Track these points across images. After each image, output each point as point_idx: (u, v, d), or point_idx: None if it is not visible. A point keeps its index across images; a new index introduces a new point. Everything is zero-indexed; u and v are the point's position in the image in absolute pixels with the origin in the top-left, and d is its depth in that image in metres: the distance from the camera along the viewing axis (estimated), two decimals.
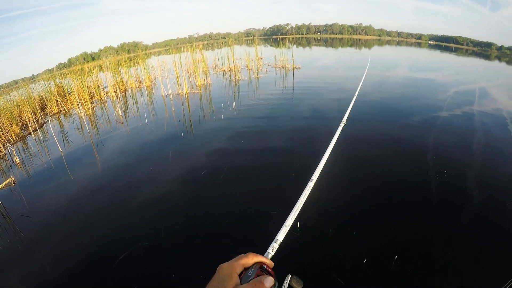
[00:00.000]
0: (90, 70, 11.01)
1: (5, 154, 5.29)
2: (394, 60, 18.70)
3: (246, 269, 0.58)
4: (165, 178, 3.89)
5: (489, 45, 50.87)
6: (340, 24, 75.68)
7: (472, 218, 2.79)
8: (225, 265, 0.58)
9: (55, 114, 8.40)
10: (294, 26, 78.27)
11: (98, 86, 10.18)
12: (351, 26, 75.06)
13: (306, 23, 78.39)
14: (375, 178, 3.56)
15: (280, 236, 0.83)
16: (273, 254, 0.75)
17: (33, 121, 6.94)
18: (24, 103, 7.60)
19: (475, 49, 49.10)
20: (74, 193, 3.75)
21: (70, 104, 9.03)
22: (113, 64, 11.66)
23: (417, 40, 64.68)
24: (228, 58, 13.07)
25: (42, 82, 10.05)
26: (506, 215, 2.83)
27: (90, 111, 8.01)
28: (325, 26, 77.52)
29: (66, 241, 2.85)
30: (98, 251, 2.66)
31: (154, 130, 5.90)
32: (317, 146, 4.34)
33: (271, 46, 30.70)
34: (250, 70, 12.61)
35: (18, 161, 4.87)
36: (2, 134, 5.99)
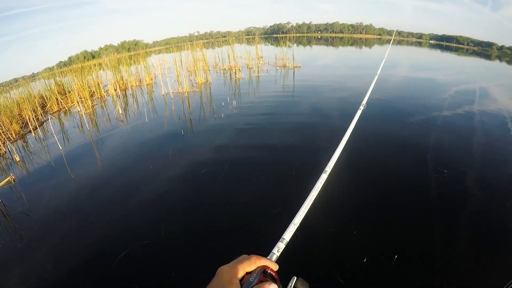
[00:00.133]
0: (91, 68, 10.97)
1: (5, 152, 5.28)
2: (395, 59, 18.60)
3: (248, 273, 0.54)
4: (165, 176, 3.88)
5: (489, 44, 50.68)
6: (340, 23, 75.44)
7: (472, 218, 2.79)
8: (225, 268, 0.54)
9: (55, 112, 8.39)
10: (294, 25, 78.01)
11: (98, 84, 10.16)
12: (352, 25, 74.79)
13: (307, 22, 78.22)
14: (376, 178, 3.56)
15: (287, 235, 0.76)
16: (278, 255, 0.69)
17: (33, 119, 6.93)
18: (24, 101, 7.58)
19: (476, 48, 48.95)
20: (74, 191, 3.75)
21: (70, 102, 9.02)
22: (113, 62, 11.62)
23: (417, 39, 64.43)
24: (228, 57, 13.04)
25: (42, 80, 10.03)
26: (506, 216, 2.82)
27: (90, 109, 8.00)
28: (325, 25, 77.28)
29: (66, 239, 2.85)
30: (98, 250, 2.66)
31: (154, 129, 5.89)
32: (317, 146, 4.34)
33: (272, 44, 30.61)
34: (250, 68, 12.58)
35: (18, 159, 4.87)
36: (2, 132, 5.98)
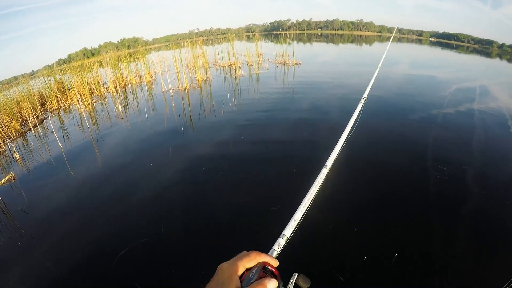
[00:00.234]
0: (90, 65, 10.95)
1: (5, 150, 5.28)
2: (395, 56, 18.57)
3: (248, 270, 0.54)
4: (165, 174, 3.88)
5: (490, 42, 50.53)
6: (340, 20, 75.17)
7: (472, 216, 2.79)
8: (225, 265, 0.54)
9: (55, 110, 8.38)
10: (294, 22, 77.71)
11: (98, 82, 10.15)
12: (352, 22, 74.51)
13: (307, 19, 77.94)
14: (376, 175, 3.55)
15: (287, 231, 0.76)
16: (279, 251, 0.69)
17: (33, 117, 6.92)
18: (24, 99, 7.57)
19: (476, 46, 48.80)
20: (74, 189, 3.75)
21: (70, 100, 9.00)
22: (113, 59, 11.60)
23: (418, 36, 64.27)
24: (228, 54, 13.01)
25: (42, 78, 10.00)
26: (506, 214, 2.82)
27: (90, 107, 7.98)
28: (325, 22, 77.00)
29: (66, 237, 2.85)
30: (98, 248, 2.66)
31: (154, 126, 5.88)
32: (317, 143, 4.34)
33: (272, 41, 30.52)
34: (250, 65, 12.55)
35: (18, 157, 4.86)
36: (2, 130, 5.96)
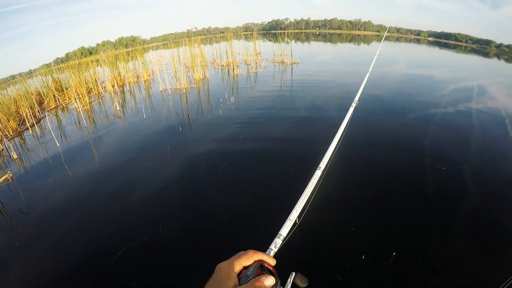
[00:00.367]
0: (88, 64, 10.92)
1: (2, 149, 5.26)
2: (393, 56, 18.62)
3: (245, 268, 0.55)
4: (163, 173, 3.88)
5: (488, 42, 50.74)
6: (339, 19, 75.19)
7: (470, 216, 2.80)
8: (223, 264, 0.55)
9: (53, 109, 8.34)
10: (293, 21, 77.72)
11: (96, 81, 10.10)
12: (350, 22, 74.57)
13: (305, 18, 77.92)
14: (373, 175, 3.56)
15: (283, 231, 0.77)
16: (276, 250, 0.70)
17: (30, 116, 6.89)
18: (21, 98, 7.54)
19: (474, 46, 48.98)
20: (72, 188, 3.74)
21: (67, 99, 8.96)
22: (111, 58, 11.58)
23: (416, 36, 64.45)
24: (226, 53, 13.00)
25: (40, 77, 9.96)
26: (504, 214, 2.84)
27: (88, 106, 7.96)
28: (324, 21, 77.01)
29: (64, 237, 2.84)
30: (96, 247, 2.65)
31: (152, 125, 5.87)
32: (315, 142, 4.33)
33: (270, 40, 30.53)
34: (248, 64, 12.55)
35: (15, 156, 4.84)
36: (0, 129, 5.96)
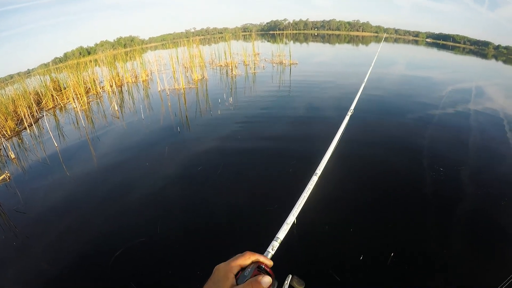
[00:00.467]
0: (86, 64, 10.91)
1: (0, 149, 5.24)
2: (392, 57, 18.67)
3: (243, 269, 0.56)
4: (161, 173, 3.87)
5: (486, 44, 50.93)
6: (337, 20, 75.30)
7: (469, 216, 2.81)
8: (221, 266, 0.56)
9: (51, 109, 8.32)
10: (291, 21, 77.77)
11: (94, 81, 10.08)
12: (349, 23, 74.68)
13: (304, 19, 77.99)
14: (372, 176, 3.57)
15: (280, 234, 0.79)
16: (273, 253, 0.71)
17: (28, 116, 6.87)
18: (19, 98, 7.51)
19: (472, 47, 49.17)
20: (69, 188, 3.73)
21: (65, 98, 8.94)
22: (109, 58, 11.56)
23: (414, 37, 64.63)
24: (225, 53, 12.99)
25: (38, 76, 9.93)
26: (502, 214, 2.85)
27: (86, 106, 7.95)
28: (322, 22, 77.11)
29: (62, 237, 2.83)
30: (94, 248, 2.65)
31: (150, 125, 5.87)
32: (314, 143, 4.35)
33: (268, 41, 30.57)
34: (247, 65, 12.55)
35: (13, 156, 4.83)
36: None
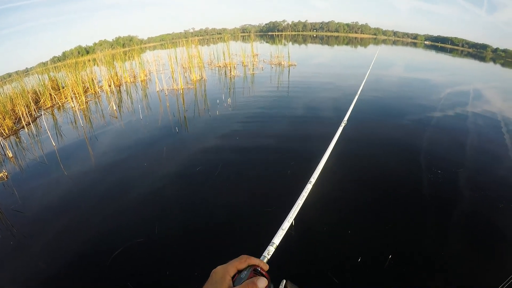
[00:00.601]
0: (85, 63, 10.88)
1: None
2: (390, 59, 18.75)
3: (239, 271, 0.57)
4: (159, 174, 3.86)
5: (484, 47, 51.25)
6: (336, 22, 75.56)
7: (468, 219, 2.83)
8: (218, 269, 0.57)
9: (49, 108, 8.30)
10: (290, 23, 78.02)
11: (93, 80, 10.07)
12: (347, 24, 75.00)
13: (303, 21, 78.20)
14: (371, 177, 3.58)
15: (276, 239, 0.80)
16: (269, 257, 0.72)
17: (26, 114, 6.85)
18: (17, 97, 7.48)
19: (470, 50, 49.47)
20: (67, 188, 3.72)
21: (64, 98, 8.91)
22: (107, 58, 11.54)
23: (412, 40, 64.96)
24: (223, 54, 13.01)
25: (36, 75, 9.91)
26: (500, 216, 2.87)
27: (84, 105, 7.92)
28: (321, 23, 77.40)
29: (59, 237, 2.82)
30: (91, 248, 2.64)
31: (149, 125, 5.86)
32: (312, 144, 4.36)
33: (267, 42, 30.65)
34: (245, 66, 12.57)
35: (10, 155, 4.81)
36: None
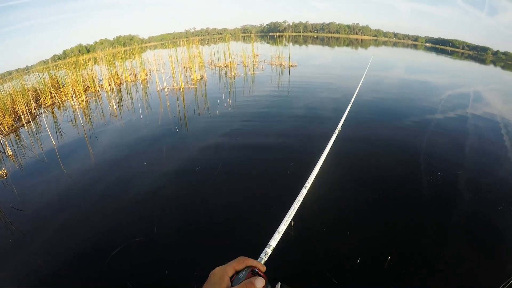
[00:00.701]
0: (85, 62, 10.89)
1: None
2: (391, 61, 18.78)
3: (237, 272, 0.58)
4: (159, 173, 3.87)
5: (484, 49, 51.26)
6: (337, 23, 75.59)
7: (468, 220, 2.83)
8: (216, 270, 0.58)
9: (49, 106, 8.30)
10: (291, 24, 78.00)
11: (93, 79, 10.07)
12: (348, 26, 74.98)
13: (303, 21, 78.23)
14: (371, 178, 3.59)
15: (273, 242, 0.82)
16: (266, 259, 0.74)
17: (26, 113, 6.85)
18: (17, 94, 7.47)
19: (471, 52, 49.47)
20: (66, 186, 3.72)
21: (64, 96, 8.92)
22: (108, 57, 11.55)
23: (413, 41, 65.00)
24: (224, 54, 13.03)
25: (36, 73, 9.90)
26: (499, 218, 2.87)
27: (84, 104, 7.93)
28: (322, 24, 77.40)
29: (58, 235, 2.82)
30: (90, 246, 2.64)
31: (149, 125, 5.86)
32: (311, 145, 4.36)
33: (268, 43, 30.67)
34: (246, 66, 12.57)
35: (10, 153, 4.81)
36: None
